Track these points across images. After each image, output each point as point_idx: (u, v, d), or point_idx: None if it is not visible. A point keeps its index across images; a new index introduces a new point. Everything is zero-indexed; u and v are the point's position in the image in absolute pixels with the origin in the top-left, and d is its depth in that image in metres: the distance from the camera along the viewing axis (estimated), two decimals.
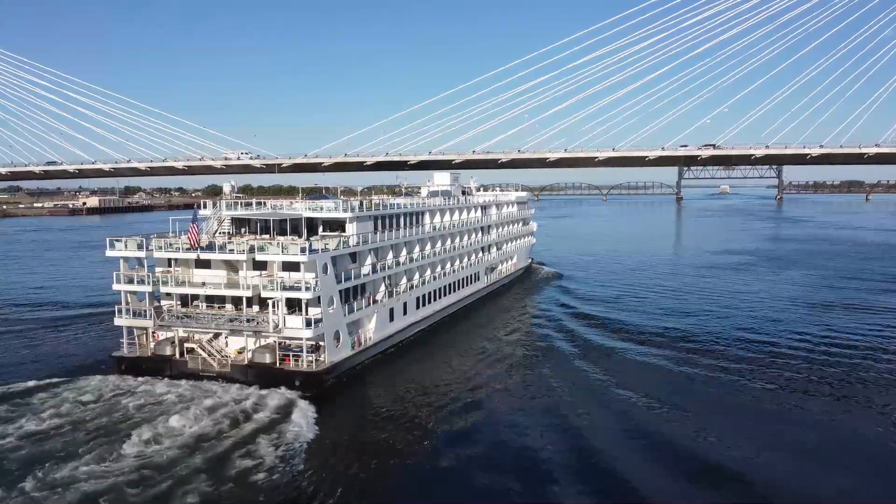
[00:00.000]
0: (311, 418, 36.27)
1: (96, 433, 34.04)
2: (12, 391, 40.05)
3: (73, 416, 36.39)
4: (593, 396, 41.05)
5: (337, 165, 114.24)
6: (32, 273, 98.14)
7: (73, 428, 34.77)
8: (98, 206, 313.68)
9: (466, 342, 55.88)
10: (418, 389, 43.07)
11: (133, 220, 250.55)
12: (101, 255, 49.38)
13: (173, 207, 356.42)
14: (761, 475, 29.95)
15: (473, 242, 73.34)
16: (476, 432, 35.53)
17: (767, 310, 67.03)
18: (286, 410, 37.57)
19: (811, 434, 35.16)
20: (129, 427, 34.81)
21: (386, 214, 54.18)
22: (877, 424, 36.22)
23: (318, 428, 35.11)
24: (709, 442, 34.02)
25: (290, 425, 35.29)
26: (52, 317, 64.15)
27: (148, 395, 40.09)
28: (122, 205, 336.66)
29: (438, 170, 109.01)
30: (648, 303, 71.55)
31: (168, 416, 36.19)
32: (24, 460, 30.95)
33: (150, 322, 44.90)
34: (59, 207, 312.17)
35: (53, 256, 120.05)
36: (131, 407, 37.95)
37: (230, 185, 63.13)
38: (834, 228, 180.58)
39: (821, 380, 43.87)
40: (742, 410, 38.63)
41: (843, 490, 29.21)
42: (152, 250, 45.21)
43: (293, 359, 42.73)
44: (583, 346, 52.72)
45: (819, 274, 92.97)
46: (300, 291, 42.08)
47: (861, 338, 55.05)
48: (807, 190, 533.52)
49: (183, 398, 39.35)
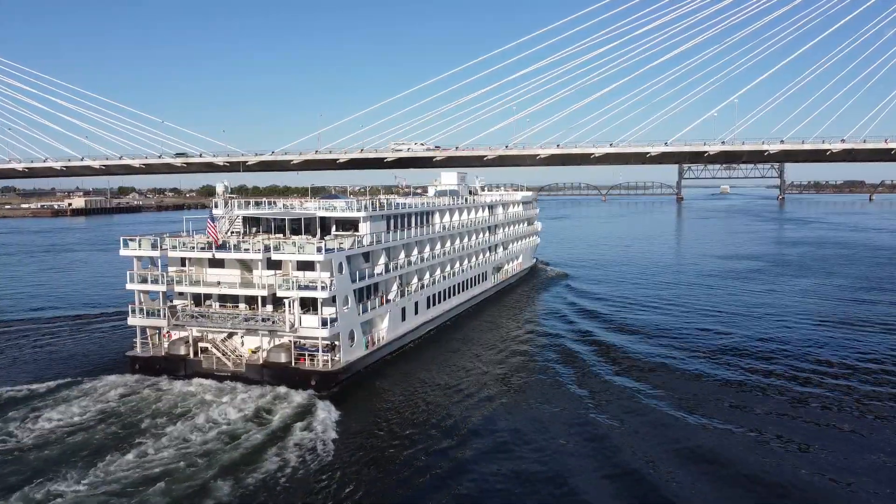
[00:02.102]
0: (332, 418, 37.23)
1: (118, 434, 34.96)
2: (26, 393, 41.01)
3: (92, 417, 37.33)
4: (604, 394, 42.27)
5: (307, 163, 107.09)
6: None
7: (94, 429, 35.65)
8: (84, 206, 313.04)
9: (477, 342, 57.07)
10: (433, 389, 44.16)
11: (120, 221, 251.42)
12: (56, 259, 49.90)
13: (162, 209, 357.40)
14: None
15: (481, 242, 74.76)
16: (495, 433, 36.56)
17: (790, 322, 62.79)
18: (307, 410, 38.55)
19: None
20: (152, 427, 35.83)
21: (398, 214, 55.35)
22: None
23: (340, 428, 36.10)
24: (740, 447, 34.81)
25: (313, 425, 36.25)
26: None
27: (165, 394, 41.07)
28: (110, 205, 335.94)
29: (417, 167, 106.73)
30: (656, 310, 70.95)
31: (189, 415, 37.23)
32: (43, 462, 31.66)
33: (164, 322, 45.86)
34: (43, 208, 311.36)
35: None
36: (151, 407, 38.89)
37: (223, 184, 63.88)
38: (846, 230, 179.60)
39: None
40: (792, 420, 38.03)
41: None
42: (166, 250, 46.17)
43: (308, 358, 43.78)
44: (592, 346, 54.03)
45: (839, 282, 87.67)
46: (316, 291, 43.13)
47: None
48: (808, 190, 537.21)
49: (201, 398, 40.36)
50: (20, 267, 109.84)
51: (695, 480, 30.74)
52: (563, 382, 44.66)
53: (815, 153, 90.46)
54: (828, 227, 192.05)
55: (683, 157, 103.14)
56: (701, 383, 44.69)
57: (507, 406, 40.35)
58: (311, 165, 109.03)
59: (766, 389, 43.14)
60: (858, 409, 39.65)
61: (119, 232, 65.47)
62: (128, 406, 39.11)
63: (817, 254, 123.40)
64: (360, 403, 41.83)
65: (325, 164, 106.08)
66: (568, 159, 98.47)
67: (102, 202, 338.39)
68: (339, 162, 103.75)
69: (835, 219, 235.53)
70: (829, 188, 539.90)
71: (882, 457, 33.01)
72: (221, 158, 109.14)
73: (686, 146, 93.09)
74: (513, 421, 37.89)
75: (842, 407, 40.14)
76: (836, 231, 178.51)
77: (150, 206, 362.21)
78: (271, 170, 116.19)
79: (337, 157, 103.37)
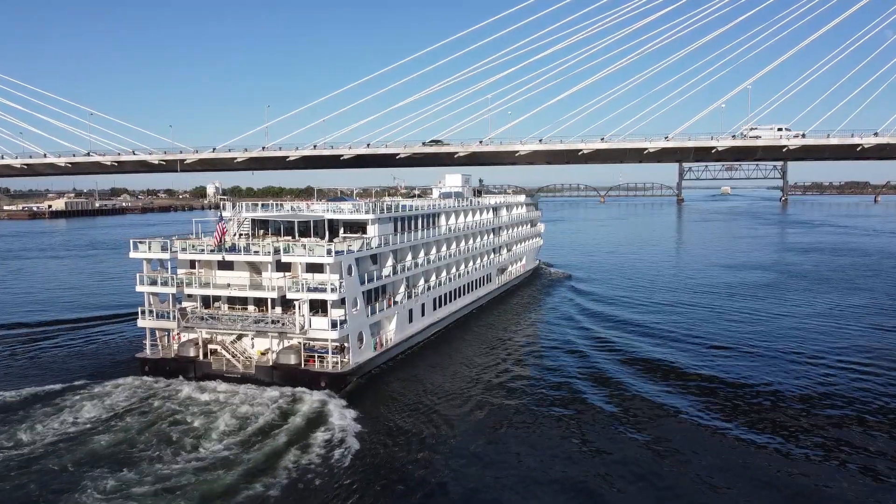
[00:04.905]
0: (349, 418, 38.86)
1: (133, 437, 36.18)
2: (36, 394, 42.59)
3: (104, 419, 38.79)
4: (613, 395, 44.22)
5: (254, 161, 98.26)
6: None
7: (107, 431, 36.98)
8: (64, 209, 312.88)
9: (485, 344, 58.91)
10: (443, 391, 45.83)
11: (102, 224, 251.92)
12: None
13: (147, 210, 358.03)
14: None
15: (486, 244, 76.88)
16: (509, 432, 38.35)
17: (818, 361, 51.74)
18: (322, 411, 40.21)
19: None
20: (170, 430, 37.21)
21: (405, 216, 57.23)
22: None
23: (358, 428, 37.65)
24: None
25: (330, 424, 37.90)
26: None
27: (177, 396, 42.60)
28: (92, 207, 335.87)
29: (379, 166, 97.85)
30: (662, 314, 73.20)
31: (206, 416, 38.80)
32: (55, 466, 32.68)
33: (173, 323, 47.50)
34: (23, 210, 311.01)
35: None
36: (163, 408, 40.43)
37: (214, 186, 65.43)
38: (859, 234, 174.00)
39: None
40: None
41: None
42: (176, 252, 47.83)
43: (318, 360, 45.49)
44: (599, 347, 55.91)
45: (865, 301, 77.80)
46: (325, 293, 44.87)
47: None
48: (811, 191, 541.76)
49: (213, 399, 41.98)
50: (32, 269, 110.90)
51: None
52: (570, 383, 46.56)
53: (843, 149, 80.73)
54: (839, 231, 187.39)
55: (687, 154, 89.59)
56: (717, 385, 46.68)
57: (517, 407, 42.08)
58: (259, 163, 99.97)
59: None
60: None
61: (90, 237, 65.67)
62: (140, 408, 40.52)
63: (835, 263, 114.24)
64: (373, 404, 43.22)
65: (273, 161, 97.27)
66: (553, 156, 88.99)
67: (84, 204, 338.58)
68: (290, 160, 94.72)
69: (844, 221, 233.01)
70: (830, 189, 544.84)
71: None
72: (157, 156, 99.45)
73: (690, 141, 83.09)
74: (524, 420, 39.70)
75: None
76: (848, 235, 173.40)
77: (135, 209, 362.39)
78: (214, 168, 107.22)
79: (287, 155, 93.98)
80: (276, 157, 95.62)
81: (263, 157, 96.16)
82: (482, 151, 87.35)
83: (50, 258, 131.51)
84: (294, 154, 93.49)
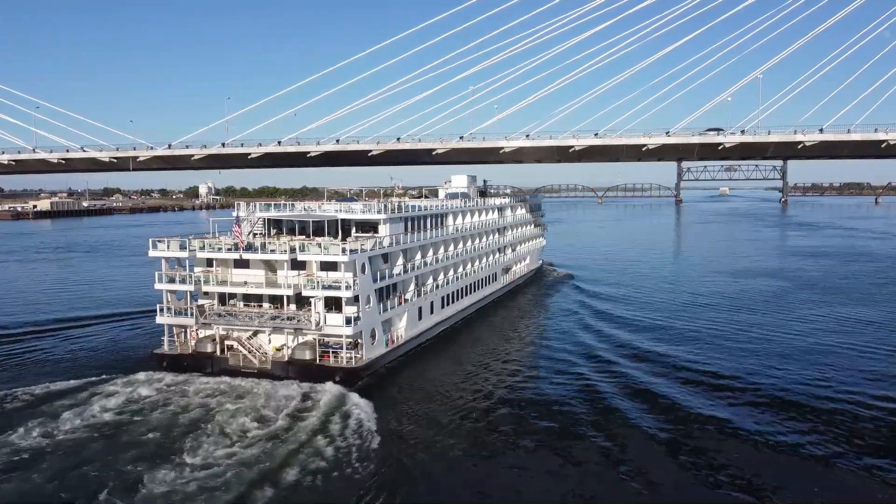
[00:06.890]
0: (367, 412, 41.06)
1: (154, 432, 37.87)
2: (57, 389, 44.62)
3: (126, 413, 40.72)
4: (621, 391, 46.69)
5: (212, 158, 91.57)
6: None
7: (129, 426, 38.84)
8: (50, 209, 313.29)
9: (491, 340, 61.62)
10: (455, 386, 48.17)
11: (88, 224, 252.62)
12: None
13: (136, 211, 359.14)
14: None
15: (492, 243, 79.80)
16: (523, 425, 40.70)
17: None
18: (339, 404, 42.46)
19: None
20: (191, 424, 39.08)
21: (415, 216, 59.91)
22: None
23: (376, 422, 39.76)
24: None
25: (349, 419, 40.02)
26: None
27: (196, 391, 44.77)
28: (79, 208, 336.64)
29: (350, 164, 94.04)
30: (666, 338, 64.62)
31: (226, 411, 40.92)
32: (77, 461, 34.18)
33: (191, 320, 49.85)
34: (8, 210, 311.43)
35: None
36: (187, 403, 42.54)
37: (206, 185, 67.50)
38: (867, 237, 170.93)
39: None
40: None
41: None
42: (194, 251, 50.24)
43: (332, 355, 47.97)
44: (605, 344, 58.50)
45: (887, 313, 72.41)
46: (340, 290, 47.37)
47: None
48: (810, 192, 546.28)
49: (233, 394, 44.22)
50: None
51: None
52: (579, 376, 49.05)
53: (865, 146, 74.41)
54: (845, 234, 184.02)
55: (690, 151, 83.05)
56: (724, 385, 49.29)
57: (525, 402, 44.31)
58: (220, 161, 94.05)
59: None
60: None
61: (68, 238, 66.44)
62: (161, 403, 42.37)
63: (846, 270, 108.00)
64: (388, 398, 45.25)
65: (235, 159, 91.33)
66: (541, 153, 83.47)
67: (71, 204, 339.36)
68: (252, 157, 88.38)
69: (849, 223, 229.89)
70: (830, 190, 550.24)
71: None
72: (107, 153, 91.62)
73: (694, 137, 77.61)
74: (536, 413, 42.10)
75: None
76: (855, 238, 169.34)
77: (123, 209, 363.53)
78: (172, 167, 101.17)
79: (248, 152, 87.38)
80: (238, 155, 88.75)
81: (223, 154, 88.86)
82: (463, 148, 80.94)
83: (15, 262, 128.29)
84: (256, 151, 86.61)
